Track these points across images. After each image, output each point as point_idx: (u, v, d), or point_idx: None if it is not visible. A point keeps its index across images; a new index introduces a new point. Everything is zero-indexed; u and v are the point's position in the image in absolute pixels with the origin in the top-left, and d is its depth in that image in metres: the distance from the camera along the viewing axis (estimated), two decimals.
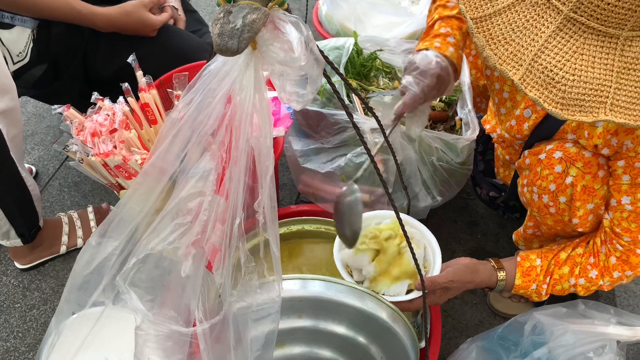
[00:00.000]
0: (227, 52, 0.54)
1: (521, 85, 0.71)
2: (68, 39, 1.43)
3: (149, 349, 0.67)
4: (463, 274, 1.03)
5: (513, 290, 1.06)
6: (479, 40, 0.73)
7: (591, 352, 1.01)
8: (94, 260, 0.79)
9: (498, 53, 0.72)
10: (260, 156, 0.63)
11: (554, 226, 1.08)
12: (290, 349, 0.91)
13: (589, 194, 0.98)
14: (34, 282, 1.45)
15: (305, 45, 0.57)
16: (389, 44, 1.57)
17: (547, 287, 1.04)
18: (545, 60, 0.69)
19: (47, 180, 1.73)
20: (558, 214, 1.03)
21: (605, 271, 1.00)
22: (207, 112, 0.62)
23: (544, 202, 1.04)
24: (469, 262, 1.06)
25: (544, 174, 1.01)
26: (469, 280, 1.03)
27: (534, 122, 1.08)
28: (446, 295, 1.03)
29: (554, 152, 1.00)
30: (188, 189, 0.64)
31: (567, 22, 0.69)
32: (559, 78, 0.69)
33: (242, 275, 0.69)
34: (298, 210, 1.36)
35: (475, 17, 0.74)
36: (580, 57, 0.69)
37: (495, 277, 1.05)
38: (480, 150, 1.44)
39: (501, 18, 0.72)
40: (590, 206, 0.99)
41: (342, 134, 1.36)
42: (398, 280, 1.00)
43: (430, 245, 1.07)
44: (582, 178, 0.97)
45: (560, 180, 0.99)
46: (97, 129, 1.07)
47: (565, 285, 1.03)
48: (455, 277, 1.01)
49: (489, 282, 1.06)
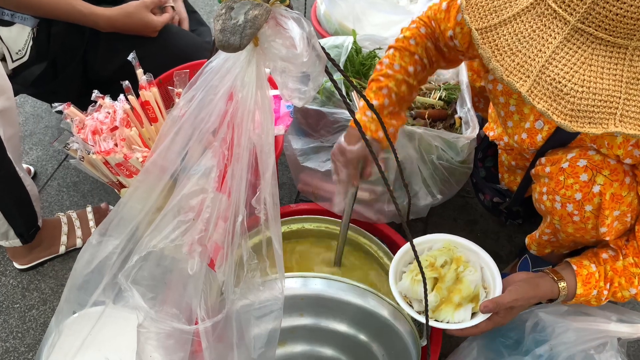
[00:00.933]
0: (229, 48, 0.54)
1: (529, 97, 0.69)
2: (68, 38, 1.42)
3: (151, 347, 0.66)
4: (525, 291, 0.99)
5: (574, 299, 1.02)
6: (484, 52, 0.72)
7: (592, 350, 1.01)
8: (95, 260, 0.79)
9: (504, 64, 0.71)
10: (262, 153, 0.63)
11: (574, 234, 1.05)
12: (291, 347, 0.90)
13: (616, 202, 0.96)
14: (33, 282, 1.45)
15: (307, 41, 0.57)
16: (387, 42, 1.57)
17: (608, 294, 1.00)
18: (554, 72, 0.68)
19: (46, 181, 1.72)
20: (582, 222, 1.01)
21: None
22: (208, 109, 0.62)
23: (567, 211, 1.01)
24: (526, 277, 1.03)
25: (568, 182, 0.98)
26: (532, 295, 1.00)
27: (548, 133, 1.05)
28: (511, 314, 1.00)
29: (577, 160, 0.97)
30: (190, 187, 0.64)
31: (575, 33, 0.67)
32: (567, 90, 0.68)
33: (245, 273, 0.69)
34: (298, 209, 1.35)
35: (480, 28, 0.72)
36: (589, 68, 0.68)
37: (557, 288, 1.01)
38: (480, 158, 1.43)
39: (507, 28, 0.71)
40: (616, 213, 0.97)
41: (341, 133, 1.34)
42: (460, 307, 0.99)
43: (488, 266, 1.05)
44: (611, 186, 0.95)
45: (587, 189, 0.96)
46: (98, 126, 1.07)
47: (626, 294, 1.00)
48: (518, 296, 0.98)
49: (551, 294, 1.02)
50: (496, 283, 1.00)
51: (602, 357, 0.99)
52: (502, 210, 1.41)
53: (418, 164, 1.31)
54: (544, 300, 1.03)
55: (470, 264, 1.04)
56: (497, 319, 0.98)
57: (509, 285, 1.01)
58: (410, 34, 1.15)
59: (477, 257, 1.06)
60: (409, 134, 1.27)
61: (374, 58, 1.55)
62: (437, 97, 1.52)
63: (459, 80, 1.49)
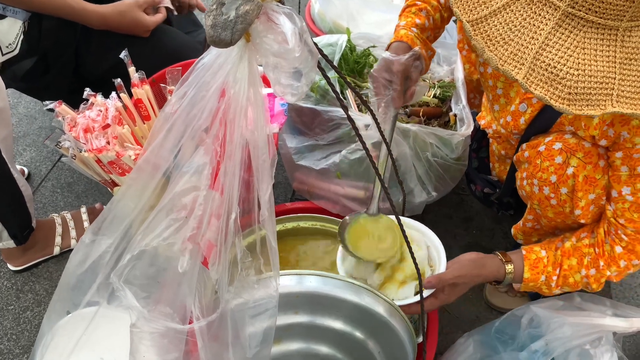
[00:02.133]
0: (221, 43, 0.54)
1: (526, 83, 0.70)
2: (59, 33, 1.41)
3: (145, 347, 0.66)
4: (470, 269, 1.02)
5: (522, 284, 1.05)
6: (477, 43, 0.73)
7: (588, 345, 1.01)
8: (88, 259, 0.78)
9: (498, 54, 0.72)
10: (255, 150, 0.63)
11: (555, 218, 1.07)
12: (287, 345, 0.90)
13: (590, 184, 0.98)
14: (27, 283, 1.44)
15: (299, 36, 0.57)
16: (382, 40, 1.57)
17: (558, 279, 1.02)
18: (548, 57, 0.69)
19: (40, 182, 1.71)
20: (559, 205, 1.03)
21: (611, 261, 0.99)
22: (200, 105, 0.62)
23: (544, 194, 1.04)
24: (475, 257, 1.05)
25: (544, 165, 1.01)
26: (476, 274, 1.03)
27: (530, 115, 1.08)
28: (455, 292, 1.02)
29: (553, 143, 1.00)
30: (182, 184, 0.63)
31: (566, 18, 0.69)
32: (563, 74, 0.69)
33: (239, 271, 0.69)
34: (293, 208, 1.35)
35: (471, 20, 0.73)
36: (583, 51, 0.69)
37: (503, 269, 1.04)
38: (475, 148, 1.44)
39: (497, 19, 0.72)
40: (591, 196, 0.99)
41: (336, 131, 1.35)
42: (404, 284, 1.00)
43: (433, 244, 1.06)
44: (584, 168, 0.97)
45: (562, 171, 0.99)
46: (90, 124, 1.06)
47: (577, 277, 1.01)
48: (462, 272, 1.00)
49: (497, 275, 1.04)
50: (441, 261, 1.02)
51: (597, 352, 0.99)
52: (494, 201, 1.42)
53: (413, 161, 1.31)
54: (488, 280, 1.06)
55: (414, 243, 1.04)
56: (442, 296, 1.01)
57: (455, 264, 1.03)
58: None
59: (423, 235, 1.08)
60: (403, 131, 1.27)
61: (368, 56, 1.54)
62: (432, 94, 1.52)
63: (454, 77, 1.49)
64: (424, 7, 1.13)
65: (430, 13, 1.13)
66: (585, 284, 1.02)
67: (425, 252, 1.05)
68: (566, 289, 1.05)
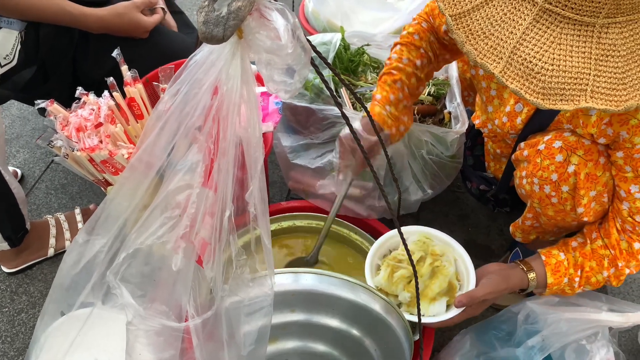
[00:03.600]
0: (213, 40, 0.53)
1: (502, 78, 0.72)
2: (56, 40, 1.40)
3: (141, 345, 0.65)
4: (497, 284, 1.03)
5: (547, 289, 1.05)
6: (458, 37, 0.74)
7: (584, 340, 1.01)
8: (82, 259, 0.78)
9: (478, 48, 0.73)
10: (249, 147, 0.62)
11: (555, 217, 1.07)
12: (283, 343, 0.90)
13: (592, 182, 0.98)
14: (22, 285, 1.43)
15: (292, 32, 0.56)
16: (376, 39, 1.57)
17: (581, 280, 1.02)
18: (524, 52, 0.70)
19: (34, 184, 1.70)
20: (560, 203, 1.03)
21: (630, 257, 0.99)
22: (193, 103, 0.61)
23: (545, 193, 1.03)
24: (498, 269, 1.07)
25: (544, 164, 1.00)
26: (503, 288, 1.04)
27: (527, 115, 1.07)
28: (483, 306, 1.04)
29: (553, 142, 0.99)
30: (176, 182, 0.63)
31: (543, 14, 0.70)
32: (538, 69, 0.70)
33: (234, 269, 0.68)
34: (289, 207, 1.35)
35: (453, 14, 0.75)
36: (558, 46, 0.70)
37: (526, 279, 1.05)
38: (469, 146, 1.44)
39: (479, 13, 0.73)
40: (593, 193, 0.99)
41: (331, 129, 1.35)
42: (435, 301, 1.01)
43: (462, 258, 1.08)
44: (585, 166, 0.97)
45: (562, 169, 0.98)
46: (82, 123, 1.05)
47: (599, 277, 1.02)
48: (492, 289, 1.02)
49: (521, 284, 1.05)
50: (470, 276, 1.04)
51: (593, 347, 1.00)
52: (490, 198, 1.42)
53: (408, 159, 1.31)
54: (515, 290, 1.07)
55: (444, 258, 1.07)
56: (470, 310, 1.03)
57: (481, 277, 1.04)
58: (413, 29, 1.17)
59: (452, 249, 1.09)
60: None
61: (363, 54, 1.54)
62: (426, 92, 1.52)
63: (448, 75, 1.49)
64: (399, 79, 1.12)
65: (405, 83, 1.12)
66: (606, 281, 1.03)
67: (454, 267, 1.06)
68: (588, 288, 1.05)
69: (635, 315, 1.04)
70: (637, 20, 0.69)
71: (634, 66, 0.71)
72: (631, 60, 0.71)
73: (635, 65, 0.71)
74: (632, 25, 0.70)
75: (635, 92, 0.71)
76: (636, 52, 0.70)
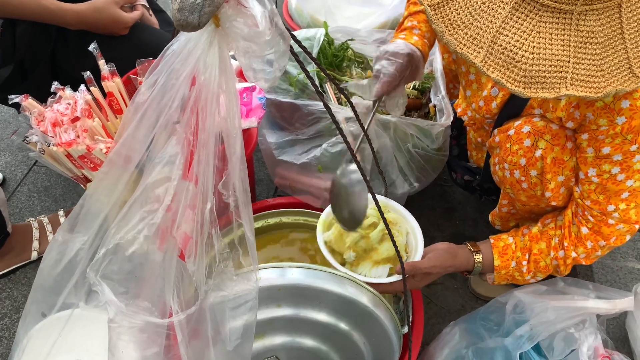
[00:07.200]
0: (188, 27, 0.52)
1: (483, 67, 0.72)
2: (33, 37, 1.38)
3: (124, 342, 0.64)
4: (444, 259, 1.04)
5: (495, 273, 1.06)
6: (438, 27, 0.74)
7: (572, 328, 1.02)
8: (63, 258, 0.76)
9: (458, 37, 0.73)
10: (228, 137, 0.61)
11: (528, 202, 1.08)
12: (270, 339, 0.89)
13: (559, 166, 0.99)
14: (5, 290, 1.40)
15: (270, 19, 0.56)
16: (360, 34, 1.56)
17: (529, 264, 1.04)
18: (505, 41, 0.70)
19: (16, 186, 1.67)
20: (530, 188, 1.04)
21: (578, 242, 1.01)
22: (171, 93, 0.60)
23: (515, 178, 1.04)
24: (447, 247, 1.08)
25: (513, 149, 1.02)
26: (449, 264, 1.05)
27: (502, 99, 1.09)
28: (427, 279, 1.04)
29: (522, 127, 1.01)
30: (155, 175, 0.62)
31: (522, 2, 0.70)
32: (519, 57, 0.70)
33: (217, 263, 0.67)
34: (275, 203, 1.34)
35: (432, 4, 0.74)
36: (538, 35, 0.70)
37: (472, 260, 1.07)
38: (455, 135, 1.44)
39: (458, 2, 0.73)
40: (560, 178, 1.00)
41: (316, 125, 1.34)
42: (378, 265, 1.00)
43: (413, 231, 1.08)
44: (551, 150, 0.98)
45: (530, 154, 1.00)
46: (59, 118, 1.03)
47: (547, 260, 1.03)
48: (436, 263, 1.03)
49: (467, 265, 1.07)
50: (418, 249, 1.04)
51: (581, 335, 1.00)
52: (476, 187, 1.43)
53: (394, 152, 1.31)
54: (460, 270, 1.09)
55: (396, 227, 1.07)
56: (413, 281, 1.03)
57: (429, 252, 1.05)
58: None
59: (405, 221, 1.10)
60: (383, 123, 1.26)
61: (347, 49, 1.54)
62: (411, 86, 1.51)
63: (432, 68, 1.49)
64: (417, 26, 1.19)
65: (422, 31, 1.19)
66: (555, 267, 1.04)
67: (404, 238, 1.07)
68: (539, 276, 1.06)
69: (622, 302, 1.04)
70: (613, 7, 0.70)
71: (611, 52, 0.71)
72: (608, 47, 0.71)
73: (613, 52, 0.71)
74: (609, 11, 0.70)
75: (612, 78, 0.71)
76: (613, 39, 0.71)
